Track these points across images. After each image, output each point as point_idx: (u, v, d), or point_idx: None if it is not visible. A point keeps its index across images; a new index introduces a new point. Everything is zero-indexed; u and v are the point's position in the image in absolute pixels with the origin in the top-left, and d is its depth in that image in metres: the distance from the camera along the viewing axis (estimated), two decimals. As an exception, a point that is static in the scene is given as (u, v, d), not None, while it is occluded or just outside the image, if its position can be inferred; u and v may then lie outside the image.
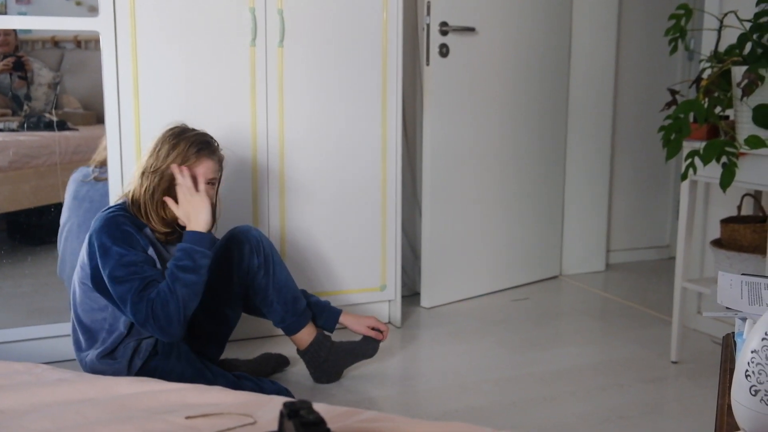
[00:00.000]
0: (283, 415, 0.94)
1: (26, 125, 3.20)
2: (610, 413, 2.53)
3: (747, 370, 1.20)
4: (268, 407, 1.12)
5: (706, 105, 2.64)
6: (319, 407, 0.96)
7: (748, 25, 2.62)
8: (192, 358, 2.44)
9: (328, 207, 3.14)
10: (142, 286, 2.23)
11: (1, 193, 3.13)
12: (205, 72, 2.88)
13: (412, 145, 3.70)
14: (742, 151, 2.49)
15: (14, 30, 3.23)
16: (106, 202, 2.79)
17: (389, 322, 3.33)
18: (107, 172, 2.82)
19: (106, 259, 2.25)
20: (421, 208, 3.62)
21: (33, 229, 3.21)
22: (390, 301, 3.32)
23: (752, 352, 1.20)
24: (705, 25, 3.08)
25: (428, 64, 3.41)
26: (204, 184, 2.35)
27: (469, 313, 3.55)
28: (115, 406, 1.12)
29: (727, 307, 1.66)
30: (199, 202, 2.32)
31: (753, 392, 1.18)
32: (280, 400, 1.13)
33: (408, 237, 3.72)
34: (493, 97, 3.68)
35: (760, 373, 1.18)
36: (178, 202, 2.34)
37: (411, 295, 3.72)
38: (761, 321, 1.21)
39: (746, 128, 2.54)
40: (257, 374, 2.72)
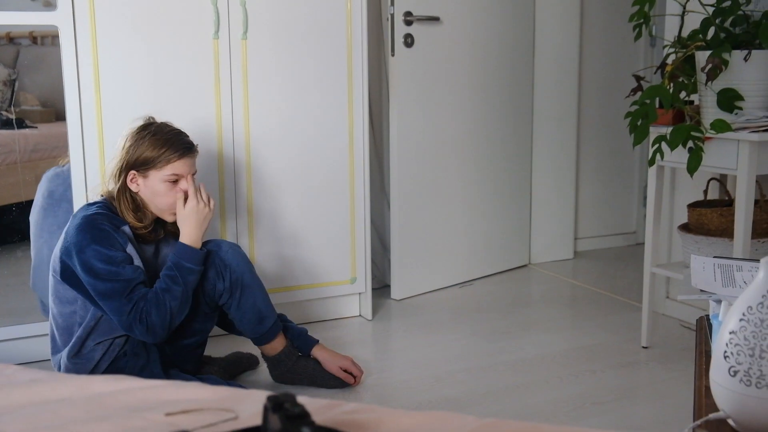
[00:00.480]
0: (267, 409, 0.92)
1: (-17, 124, 3.13)
2: (583, 399, 2.55)
3: (726, 351, 1.21)
4: (249, 401, 1.11)
5: (671, 90, 2.66)
6: (300, 400, 0.94)
7: (710, 9, 2.64)
8: (158, 360, 2.42)
9: (296, 200, 3.11)
10: (128, 289, 2.25)
11: (-39, 194, 3.06)
12: (168, 66, 2.83)
13: (379, 136, 3.69)
14: (708, 135, 2.51)
15: (-33, 27, 3.14)
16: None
17: (360, 315, 3.32)
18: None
19: (83, 255, 2.24)
20: (389, 200, 3.61)
21: (-6, 229, 3.14)
22: (360, 293, 3.30)
23: (730, 333, 1.20)
24: (668, 11, 3.10)
25: (393, 54, 3.39)
26: (211, 202, 2.42)
27: (440, 303, 3.55)
28: (91, 405, 1.10)
29: (702, 290, 1.67)
30: (201, 219, 2.39)
31: (732, 373, 1.19)
32: (260, 394, 1.12)
33: (377, 229, 3.71)
34: (458, 86, 3.67)
35: (738, 354, 1.19)
36: (184, 207, 2.38)
37: (381, 287, 3.71)
38: (738, 302, 1.22)
39: (711, 112, 2.57)
40: (229, 372, 2.70)
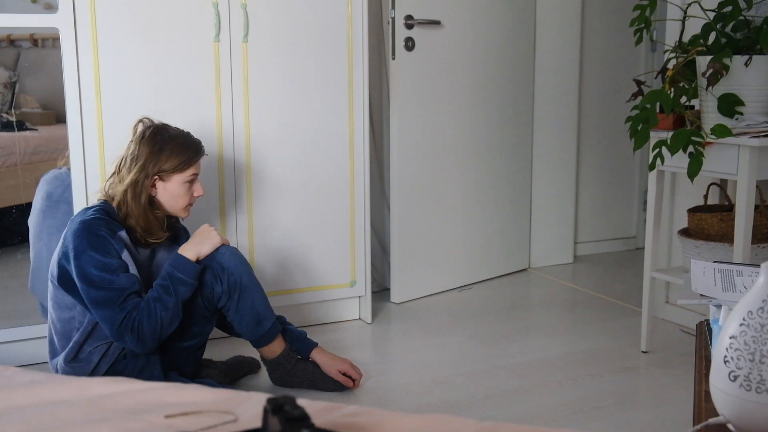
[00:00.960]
0: (267, 411, 0.92)
1: (-17, 126, 3.13)
2: (583, 404, 2.54)
3: (726, 356, 1.20)
4: (248, 404, 1.10)
5: (672, 95, 2.66)
6: (300, 403, 0.94)
7: (711, 14, 2.64)
8: (158, 362, 2.41)
9: (295, 203, 3.11)
10: (121, 298, 2.24)
11: (-39, 196, 3.05)
12: (169, 68, 2.83)
13: (379, 139, 3.69)
14: (708, 140, 2.51)
15: (-32, 29, 3.15)
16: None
17: (359, 318, 3.32)
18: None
19: (79, 261, 2.23)
20: (389, 204, 3.61)
21: (-6, 231, 3.14)
22: (360, 296, 3.30)
23: (731, 338, 1.20)
24: (669, 16, 3.10)
25: (394, 58, 3.39)
26: (224, 239, 2.48)
27: (439, 307, 3.55)
28: (90, 407, 1.10)
29: (702, 295, 1.67)
30: (209, 244, 2.41)
31: (732, 378, 1.19)
32: (260, 397, 1.11)
33: (377, 232, 3.70)
34: (459, 90, 3.67)
35: (739, 359, 1.19)
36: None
37: (381, 290, 3.71)
38: (739, 306, 1.21)
39: (712, 117, 2.57)
40: (230, 375, 2.70)
